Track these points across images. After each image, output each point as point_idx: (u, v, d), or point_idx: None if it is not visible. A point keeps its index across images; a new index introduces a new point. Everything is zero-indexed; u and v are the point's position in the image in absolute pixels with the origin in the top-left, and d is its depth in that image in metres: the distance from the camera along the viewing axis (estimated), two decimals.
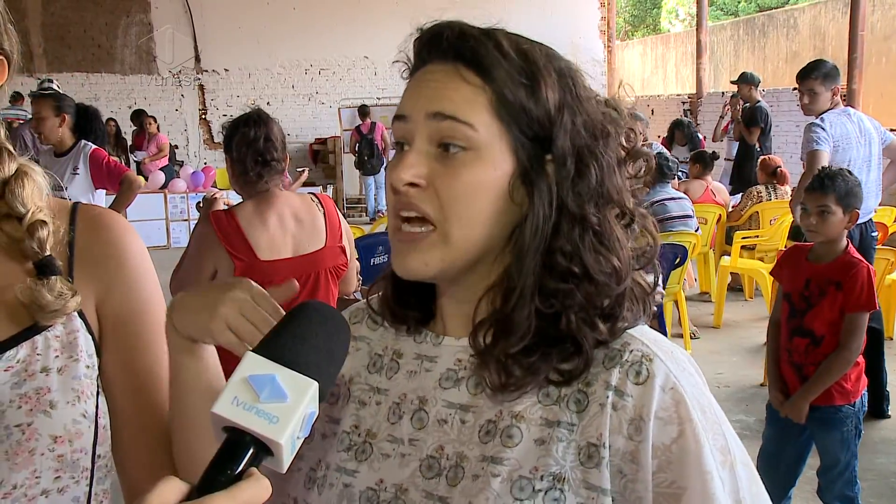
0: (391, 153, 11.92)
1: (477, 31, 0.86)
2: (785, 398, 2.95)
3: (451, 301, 0.91)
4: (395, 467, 0.89)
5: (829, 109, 4.54)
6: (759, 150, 8.52)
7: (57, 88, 5.90)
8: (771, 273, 3.26)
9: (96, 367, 0.99)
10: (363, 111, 12.57)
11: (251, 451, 0.69)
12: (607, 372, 0.83)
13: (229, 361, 0.80)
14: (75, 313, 0.97)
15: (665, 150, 5.97)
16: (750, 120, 8.71)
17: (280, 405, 0.69)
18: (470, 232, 0.84)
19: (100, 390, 0.99)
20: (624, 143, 0.89)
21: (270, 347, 0.73)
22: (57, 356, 0.95)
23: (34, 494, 0.92)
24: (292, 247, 2.70)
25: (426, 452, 0.87)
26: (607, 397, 0.82)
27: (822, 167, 3.36)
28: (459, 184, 0.83)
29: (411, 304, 0.94)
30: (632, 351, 0.84)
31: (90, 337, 0.99)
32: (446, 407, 0.88)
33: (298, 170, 7.56)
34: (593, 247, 0.84)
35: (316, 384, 0.72)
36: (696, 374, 0.86)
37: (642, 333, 0.87)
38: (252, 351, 0.72)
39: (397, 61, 0.91)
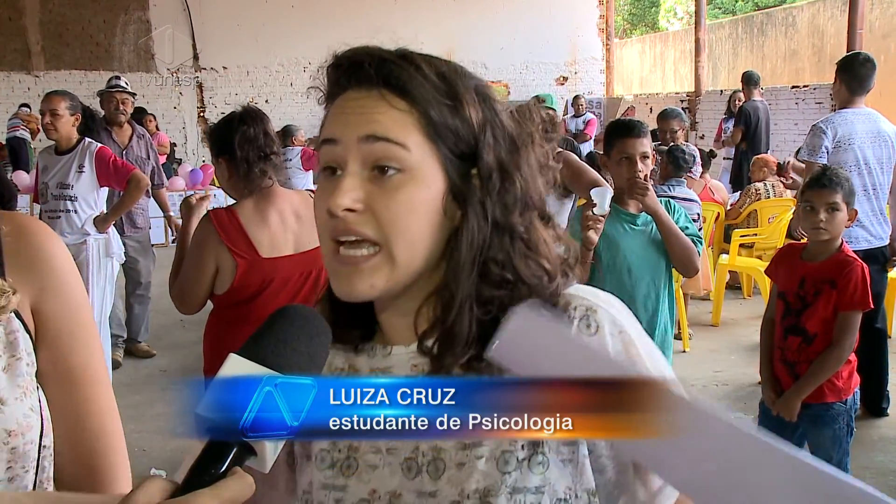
0: None
1: (396, 56, 0.88)
2: (778, 397, 2.96)
3: (393, 314, 0.93)
4: (387, 476, 0.91)
5: (847, 107, 4.48)
6: (743, 149, 8.59)
7: (125, 86, 5.88)
8: (766, 272, 3.25)
9: (35, 364, 1.03)
10: None
11: (235, 450, 0.69)
12: None
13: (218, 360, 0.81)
14: (13, 314, 1.01)
15: (692, 146, 5.90)
16: (735, 121, 8.84)
17: None
18: (412, 250, 0.86)
19: (38, 385, 1.03)
20: (545, 135, 0.94)
21: (253, 349, 0.73)
22: (0, 356, 0.99)
23: None
24: (293, 244, 2.70)
25: (404, 455, 0.90)
26: None
27: (825, 165, 3.36)
28: (397, 204, 0.85)
29: (353, 323, 0.96)
30: (576, 307, 0.89)
31: (28, 336, 1.02)
32: None
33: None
34: (523, 253, 0.88)
35: None
36: (631, 317, 0.92)
37: (577, 289, 0.92)
38: (235, 353, 0.73)
39: (312, 87, 0.92)
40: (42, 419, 1.02)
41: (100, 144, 4.84)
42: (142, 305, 5.82)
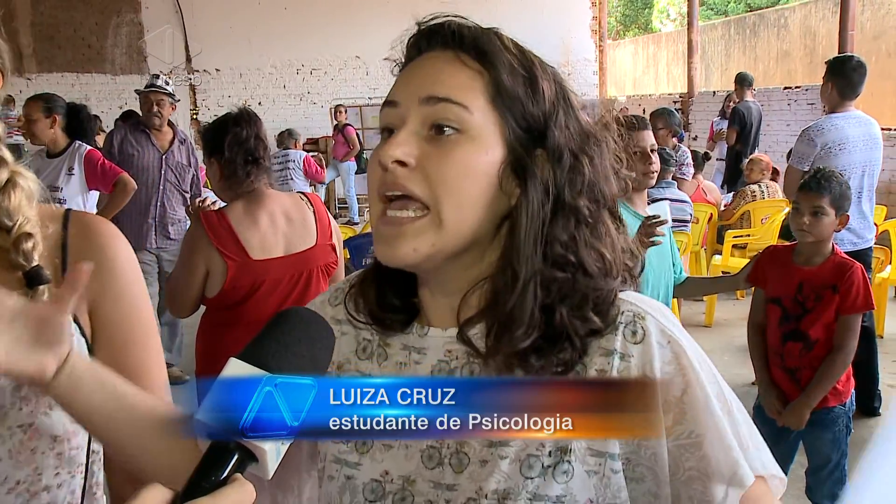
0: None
1: (478, 26, 0.87)
2: (783, 405, 2.91)
3: (434, 293, 0.90)
4: (402, 459, 0.89)
5: (837, 110, 4.48)
6: (737, 150, 8.63)
7: (164, 85, 5.34)
8: (750, 280, 3.12)
9: None
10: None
11: (236, 457, 0.68)
12: (604, 338, 0.84)
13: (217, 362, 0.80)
14: (69, 318, 0.98)
15: (684, 148, 5.95)
16: (729, 121, 8.88)
17: None
18: (462, 215, 0.82)
19: None
20: (614, 164, 0.91)
21: (254, 353, 0.72)
22: None
23: (36, 490, 0.97)
24: (284, 245, 2.70)
25: (426, 443, 0.88)
26: (611, 364, 0.83)
27: (819, 168, 3.34)
28: (450, 164, 0.82)
29: (395, 308, 0.93)
30: (623, 312, 0.85)
31: (83, 339, 1.02)
32: None
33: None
34: (587, 240, 0.85)
35: None
36: (679, 326, 0.88)
37: (626, 295, 0.88)
38: (235, 357, 0.72)
39: (388, 58, 0.90)
40: None
41: (89, 147, 4.78)
42: (171, 325, 5.30)
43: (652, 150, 2.89)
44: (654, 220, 2.67)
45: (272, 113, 13.62)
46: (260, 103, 13.98)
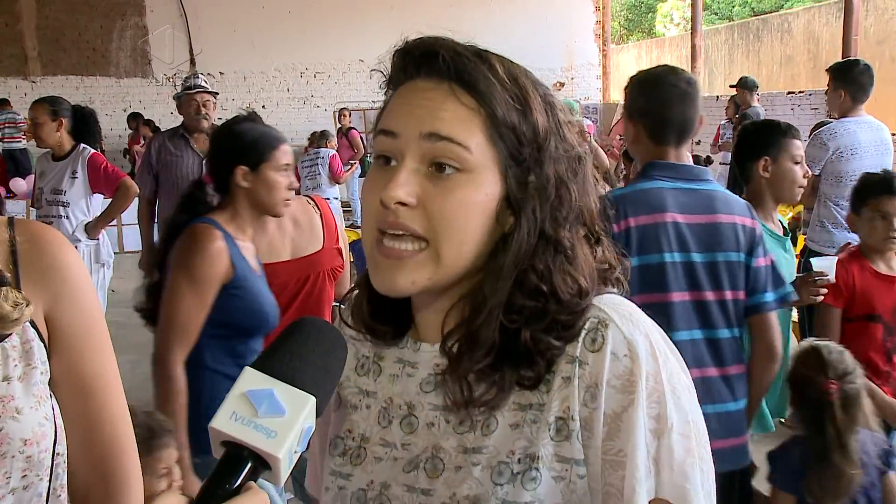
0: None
1: (471, 52, 0.86)
2: None
3: (428, 311, 0.92)
4: (387, 469, 0.91)
5: (849, 115, 4.46)
6: None
7: (205, 84, 4.95)
8: (828, 301, 2.72)
9: (48, 373, 1.03)
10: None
11: (249, 465, 0.70)
12: (571, 345, 0.85)
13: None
14: (28, 323, 1.00)
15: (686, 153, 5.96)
16: (735, 126, 8.86)
17: (278, 420, 0.70)
18: (460, 251, 0.84)
19: (51, 393, 1.03)
20: (595, 175, 0.92)
21: (269, 363, 0.73)
22: (16, 365, 0.99)
23: (4, 493, 0.97)
24: (291, 249, 2.71)
25: (416, 454, 0.90)
26: (573, 370, 0.83)
27: (869, 173, 3.10)
28: (451, 204, 0.83)
29: (387, 319, 0.95)
30: (589, 318, 0.85)
31: (42, 345, 1.03)
32: (432, 410, 0.90)
33: None
34: (563, 268, 0.86)
35: (313, 399, 0.73)
36: (655, 334, 0.86)
37: (600, 299, 0.88)
38: (250, 366, 0.73)
39: (375, 70, 0.92)
40: (56, 427, 1.02)
41: (93, 150, 4.75)
42: None
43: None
44: (818, 277, 2.59)
45: (276, 116, 13.65)
46: (264, 106, 14.01)
